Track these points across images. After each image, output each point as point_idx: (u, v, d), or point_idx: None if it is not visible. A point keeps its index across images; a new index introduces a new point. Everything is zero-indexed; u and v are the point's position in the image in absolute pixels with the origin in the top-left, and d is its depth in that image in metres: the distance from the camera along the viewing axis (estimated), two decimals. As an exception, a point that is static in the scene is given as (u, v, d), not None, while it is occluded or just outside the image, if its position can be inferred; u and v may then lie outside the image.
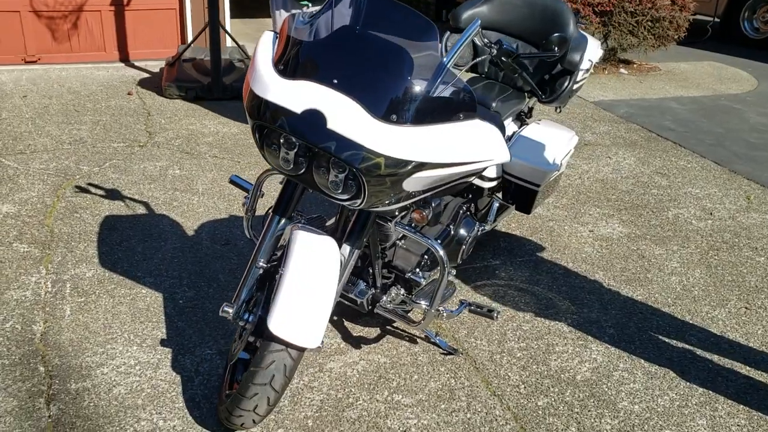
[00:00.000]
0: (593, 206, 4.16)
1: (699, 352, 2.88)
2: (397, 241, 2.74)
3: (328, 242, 2.23)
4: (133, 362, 2.60)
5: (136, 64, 6.70)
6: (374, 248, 2.55)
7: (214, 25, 5.53)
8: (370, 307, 2.66)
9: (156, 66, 6.55)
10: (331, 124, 1.93)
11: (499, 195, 3.38)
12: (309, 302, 2.08)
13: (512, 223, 3.86)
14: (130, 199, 3.87)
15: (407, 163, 1.95)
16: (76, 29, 6.55)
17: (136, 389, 2.46)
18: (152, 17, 6.74)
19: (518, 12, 3.31)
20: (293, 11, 4.26)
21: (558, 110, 3.52)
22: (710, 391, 2.65)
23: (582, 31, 3.46)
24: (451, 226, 2.93)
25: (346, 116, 1.93)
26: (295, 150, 2.03)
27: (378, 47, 2.02)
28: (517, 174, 3.21)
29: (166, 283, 3.11)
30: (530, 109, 3.54)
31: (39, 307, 2.88)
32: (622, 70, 7.34)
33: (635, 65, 7.55)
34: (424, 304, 2.63)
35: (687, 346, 2.91)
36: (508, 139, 3.25)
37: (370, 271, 2.67)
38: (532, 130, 3.30)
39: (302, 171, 2.06)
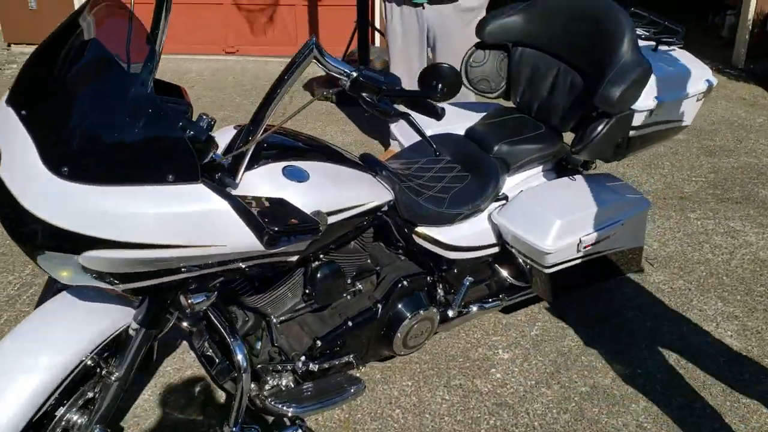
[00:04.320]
0: (717, 299, 2.96)
1: None
2: (293, 313, 2.13)
3: (77, 324, 1.73)
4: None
5: (325, 60, 6.58)
6: (229, 323, 1.99)
7: (363, 24, 5.15)
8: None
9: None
10: (1, 171, 1.45)
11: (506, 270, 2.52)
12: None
13: (577, 301, 2.90)
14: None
15: (67, 234, 1.39)
16: (271, 23, 6.65)
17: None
18: (343, 13, 6.56)
19: (562, 25, 2.40)
20: (403, 6, 3.69)
21: (591, 166, 2.51)
22: None
23: (663, 53, 2.41)
24: (380, 305, 2.21)
25: (13, 161, 1.43)
26: None
27: (79, 65, 1.49)
28: (516, 247, 2.34)
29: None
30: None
31: (-20, 311, 2.81)
32: None
33: None
34: (288, 409, 2.00)
35: None
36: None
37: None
38: (545, 190, 2.38)
39: None
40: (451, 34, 3.59)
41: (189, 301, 1.65)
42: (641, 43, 2.41)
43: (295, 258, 1.71)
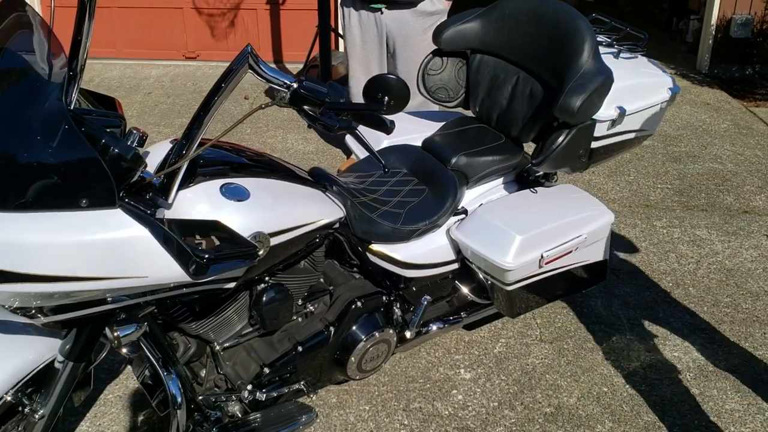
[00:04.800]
0: (684, 311, 2.89)
1: None
2: (239, 338, 2.00)
3: None
4: None
5: (288, 66, 6.46)
6: (163, 353, 1.85)
7: (325, 29, 5.03)
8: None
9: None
10: None
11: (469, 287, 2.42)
12: None
13: (541, 315, 2.81)
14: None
15: None
16: (233, 27, 6.50)
17: None
18: (307, 17, 6.43)
19: (521, 31, 2.30)
20: (361, 11, 3.58)
21: (553, 177, 2.42)
22: None
23: (625, 61, 2.33)
24: (332, 328, 2.09)
25: None
26: None
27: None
28: (476, 263, 2.23)
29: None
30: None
31: None
32: None
33: None
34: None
35: None
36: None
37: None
38: (505, 204, 2.29)
39: None
40: (411, 40, 3.49)
41: (115, 334, 1.51)
42: (603, 50, 2.33)
43: (232, 284, 1.58)
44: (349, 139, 2.56)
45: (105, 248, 1.29)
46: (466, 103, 2.54)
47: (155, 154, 1.67)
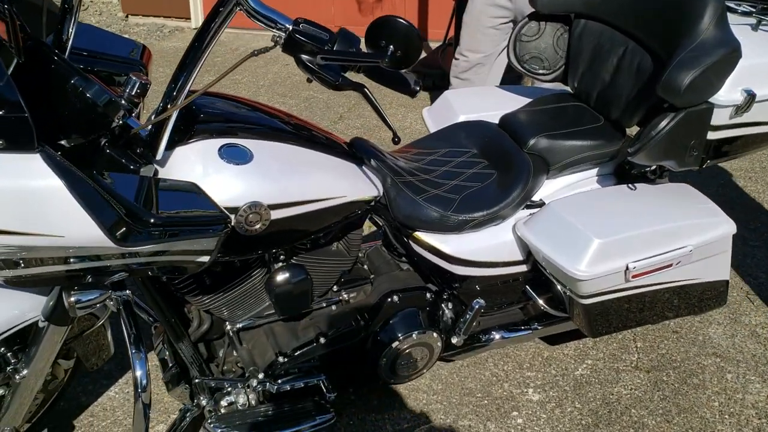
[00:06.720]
0: (831, 354, 2.33)
1: None
2: (255, 320, 1.80)
3: None
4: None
5: (432, 45, 6.21)
6: (175, 328, 1.69)
7: (461, 3, 4.71)
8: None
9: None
10: None
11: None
12: None
13: (643, 337, 2.37)
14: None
15: None
16: (379, 2, 6.32)
17: None
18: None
19: (630, -7, 1.89)
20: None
21: (662, 174, 1.96)
22: None
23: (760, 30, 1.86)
24: (363, 321, 1.84)
25: None
26: None
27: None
28: (547, 267, 1.88)
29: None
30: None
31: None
32: None
33: None
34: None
35: None
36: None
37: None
38: (588, 199, 1.91)
39: None
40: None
41: (70, 299, 1.34)
42: (738, 19, 1.86)
43: (205, 258, 1.36)
44: (426, 112, 2.27)
45: (15, 197, 1.11)
46: (565, 78, 2.15)
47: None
